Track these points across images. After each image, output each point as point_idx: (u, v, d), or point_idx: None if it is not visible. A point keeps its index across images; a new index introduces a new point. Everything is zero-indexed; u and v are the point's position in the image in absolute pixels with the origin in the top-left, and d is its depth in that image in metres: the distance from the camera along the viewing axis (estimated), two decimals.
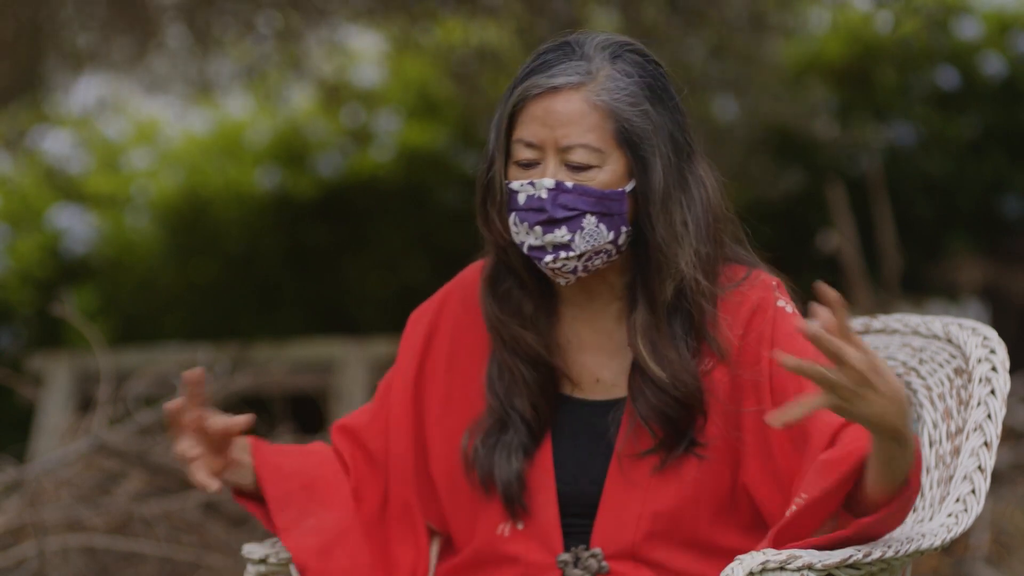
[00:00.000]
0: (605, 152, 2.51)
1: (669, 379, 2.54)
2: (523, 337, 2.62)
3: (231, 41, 6.53)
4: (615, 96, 2.50)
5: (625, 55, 2.54)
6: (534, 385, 2.63)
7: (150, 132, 8.16)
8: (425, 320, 2.74)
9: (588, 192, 2.50)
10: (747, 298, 2.58)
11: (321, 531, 2.65)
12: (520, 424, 2.63)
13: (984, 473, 2.55)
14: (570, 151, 2.50)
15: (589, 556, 2.59)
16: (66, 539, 4.31)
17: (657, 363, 2.54)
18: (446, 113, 7.79)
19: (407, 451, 2.71)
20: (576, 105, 2.50)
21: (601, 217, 2.51)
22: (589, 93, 2.50)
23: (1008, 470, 5.38)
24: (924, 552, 2.43)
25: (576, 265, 2.54)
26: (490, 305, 2.65)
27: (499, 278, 2.65)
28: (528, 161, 2.52)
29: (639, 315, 2.56)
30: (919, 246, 7.51)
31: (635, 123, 2.50)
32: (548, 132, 2.50)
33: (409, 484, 2.71)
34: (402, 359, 2.74)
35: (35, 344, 7.46)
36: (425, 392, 2.72)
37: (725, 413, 2.56)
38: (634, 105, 2.50)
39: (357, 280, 7.70)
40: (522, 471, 2.62)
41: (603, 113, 2.50)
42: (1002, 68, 7.64)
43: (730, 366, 2.56)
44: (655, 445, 2.56)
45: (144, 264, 7.70)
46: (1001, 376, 2.64)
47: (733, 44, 5.74)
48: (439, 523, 2.73)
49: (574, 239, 2.51)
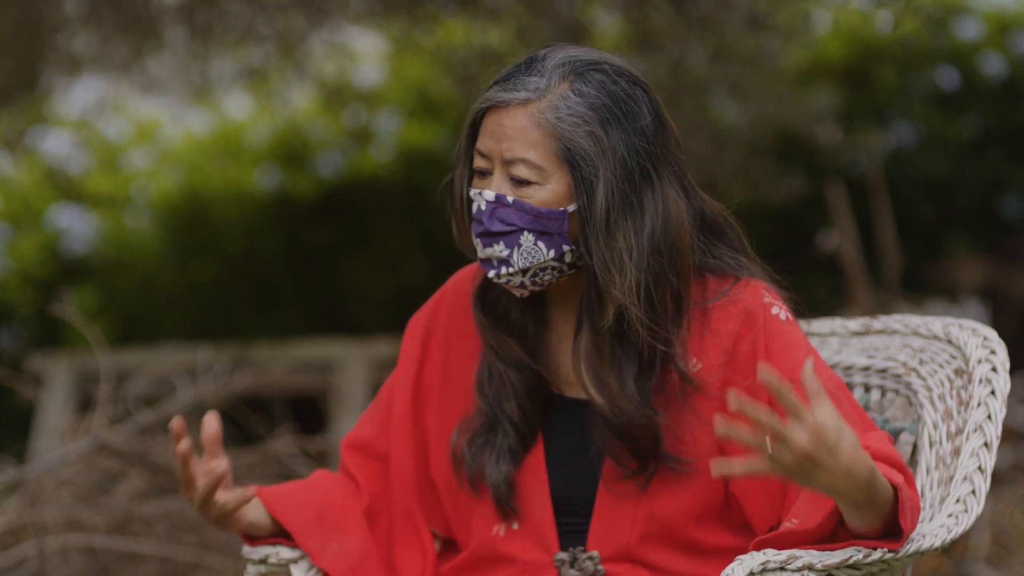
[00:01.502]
0: (546, 170, 2.50)
1: (608, 406, 2.52)
2: (508, 343, 2.63)
3: (232, 42, 6.53)
4: (559, 115, 2.49)
5: (588, 74, 2.52)
6: (521, 389, 2.63)
7: (150, 132, 8.16)
8: (421, 326, 2.75)
9: (525, 209, 2.50)
10: (735, 308, 2.56)
11: (347, 554, 2.68)
12: (509, 427, 2.64)
13: (984, 473, 2.55)
14: (512, 165, 2.50)
15: (586, 558, 2.59)
16: (66, 539, 4.31)
17: (597, 389, 2.53)
18: (446, 113, 7.79)
19: (407, 457, 2.72)
20: (520, 121, 2.50)
21: (539, 235, 2.51)
22: (534, 110, 2.50)
23: (1008, 470, 5.38)
24: (924, 552, 2.43)
25: (522, 280, 2.54)
26: (478, 312, 2.66)
27: (489, 285, 2.66)
28: (481, 170, 2.54)
29: (582, 338, 2.56)
30: (919, 246, 7.51)
31: (578, 144, 2.48)
32: (495, 145, 2.51)
33: (410, 491, 2.72)
34: (401, 366, 2.75)
35: (35, 344, 7.46)
36: (424, 397, 2.74)
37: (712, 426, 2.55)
38: (579, 126, 2.48)
39: (357, 280, 7.70)
40: (510, 475, 2.62)
41: (545, 131, 2.49)
42: (1002, 68, 7.64)
43: (709, 387, 2.54)
44: (634, 469, 2.56)
45: (144, 264, 7.70)
46: (1001, 377, 2.64)
47: (735, 47, 5.74)
48: (443, 527, 2.74)
49: (512, 255, 2.52)
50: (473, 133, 2.57)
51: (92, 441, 4.49)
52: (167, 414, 4.84)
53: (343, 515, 2.71)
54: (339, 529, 2.69)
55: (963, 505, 2.52)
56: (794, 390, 2.23)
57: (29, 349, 7.38)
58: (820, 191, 6.85)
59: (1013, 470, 5.41)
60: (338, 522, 2.70)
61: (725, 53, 5.72)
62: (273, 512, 2.69)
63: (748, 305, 2.56)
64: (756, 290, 2.58)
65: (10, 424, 7.18)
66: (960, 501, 2.52)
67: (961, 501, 2.52)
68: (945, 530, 2.47)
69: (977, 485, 2.53)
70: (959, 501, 2.52)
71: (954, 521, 2.49)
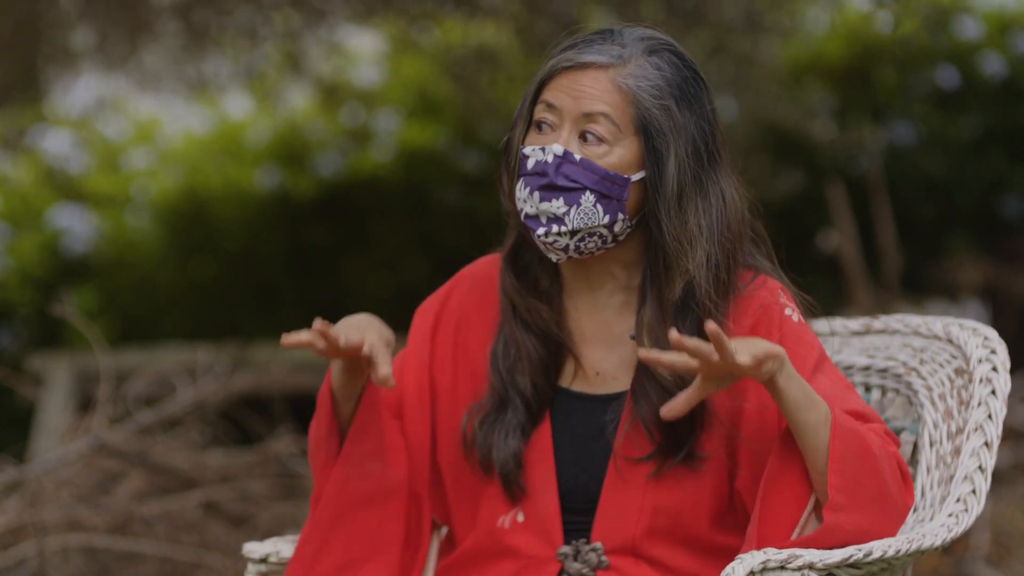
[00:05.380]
0: (622, 132, 2.53)
1: (672, 378, 2.54)
2: (538, 309, 2.64)
3: (229, 41, 6.53)
4: (640, 84, 2.53)
5: (663, 52, 2.57)
6: (538, 362, 2.64)
7: (150, 132, 8.16)
8: (432, 312, 2.75)
9: (593, 168, 2.52)
10: (752, 302, 2.59)
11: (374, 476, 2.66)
12: (519, 403, 2.63)
13: (984, 473, 2.55)
14: (589, 119, 2.52)
15: (589, 550, 2.59)
16: (66, 539, 4.31)
17: None
18: (446, 113, 7.79)
19: (425, 441, 2.71)
20: (601, 83, 2.53)
21: (600, 198, 2.53)
22: (616, 75, 2.54)
23: (1008, 470, 5.38)
24: (924, 552, 2.43)
25: (568, 243, 2.55)
26: (508, 277, 2.67)
27: (519, 252, 2.67)
28: (546, 121, 2.56)
29: (647, 311, 2.57)
30: (919, 246, 7.51)
31: (655, 114, 2.53)
32: (570, 101, 2.54)
33: (425, 477, 2.71)
34: (412, 348, 2.74)
35: (35, 344, 7.46)
36: (436, 381, 2.73)
37: (723, 421, 2.56)
38: (657, 98, 2.53)
39: (357, 280, 7.70)
40: (519, 450, 2.62)
41: (625, 96, 2.53)
42: (1002, 68, 7.63)
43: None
44: (652, 451, 2.57)
45: (144, 264, 7.70)
46: (1001, 376, 2.64)
47: (731, 45, 5.74)
48: (442, 515, 2.73)
49: (569, 213, 2.53)
50: (538, 91, 2.58)
51: (92, 441, 4.49)
52: (167, 414, 4.84)
53: (397, 450, 2.68)
54: (385, 461, 2.66)
55: (963, 504, 2.52)
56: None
57: (29, 349, 7.38)
58: (820, 191, 6.85)
59: (1013, 470, 5.41)
60: (389, 453, 2.67)
61: (720, 50, 5.72)
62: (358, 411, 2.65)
63: (764, 301, 2.58)
64: (773, 289, 2.61)
65: (10, 424, 7.18)
66: (960, 500, 2.52)
67: (961, 500, 2.52)
68: (945, 529, 2.47)
69: (977, 484, 2.54)
70: (959, 500, 2.52)
71: (954, 520, 2.49)
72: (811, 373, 2.52)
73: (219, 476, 4.80)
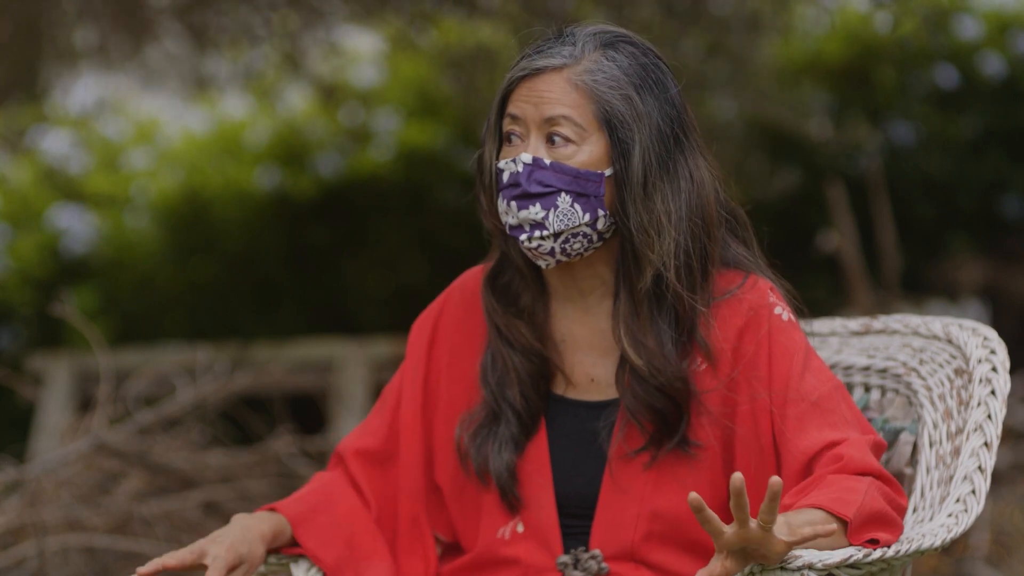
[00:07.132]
0: (586, 130, 2.54)
1: (646, 366, 2.55)
2: (517, 327, 2.65)
3: (228, 41, 6.53)
4: (596, 78, 2.54)
5: (618, 44, 2.58)
6: (526, 376, 2.64)
7: (149, 132, 8.16)
8: (427, 328, 2.76)
9: (564, 170, 2.53)
10: (741, 305, 2.58)
11: None
12: (511, 416, 2.64)
13: (984, 473, 2.55)
14: (552, 123, 2.54)
15: (589, 558, 2.59)
16: (66, 539, 4.31)
17: (634, 350, 2.56)
18: (445, 112, 7.79)
19: (418, 462, 2.72)
20: (559, 85, 2.55)
21: (576, 197, 2.54)
22: (571, 74, 2.55)
23: (1008, 470, 5.38)
24: (924, 552, 2.43)
25: (553, 246, 2.55)
26: (488, 297, 2.68)
27: (500, 271, 2.68)
28: (514, 133, 2.57)
29: (621, 303, 2.58)
30: (919, 246, 7.51)
31: (616, 106, 2.54)
32: (532, 109, 2.55)
33: (419, 498, 2.72)
34: (408, 369, 2.75)
35: (35, 344, 7.46)
36: (432, 400, 2.74)
37: (716, 417, 2.56)
38: (616, 88, 2.54)
39: (357, 280, 7.70)
40: (512, 463, 2.63)
41: (583, 93, 2.54)
42: (1002, 68, 7.63)
43: (717, 371, 2.57)
44: (645, 442, 2.57)
45: (144, 264, 7.70)
46: (1001, 376, 2.64)
47: (727, 44, 5.74)
48: (447, 531, 2.73)
49: (548, 217, 2.53)
50: (502, 106, 2.60)
51: (92, 441, 4.49)
52: (167, 414, 4.84)
53: (371, 540, 2.70)
54: (367, 556, 2.69)
55: (963, 505, 2.52)
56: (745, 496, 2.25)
57: (29, 349, 7.38)
58: (819, 191, 6.85)
59: (1013, 470, 5.41)
60: (366, 549, 2.70)
61: (717, 50, 5.72)
62: (304, 542, 2.68)
63: (754, 303, 2.58)
64: (763, 289, 2.60)
65: (10, 424, 7.18)
66: (960, 500, 2.52)
67: (961, 500, 2.52)
68: (945, 529, 2.47)
69: (977, 485, 2.53)
70: (959, 501, 2.52)
71: (954, 520, 2.49)
72: (800, 373, 2.53)
73: (219, 476, 4.80)
